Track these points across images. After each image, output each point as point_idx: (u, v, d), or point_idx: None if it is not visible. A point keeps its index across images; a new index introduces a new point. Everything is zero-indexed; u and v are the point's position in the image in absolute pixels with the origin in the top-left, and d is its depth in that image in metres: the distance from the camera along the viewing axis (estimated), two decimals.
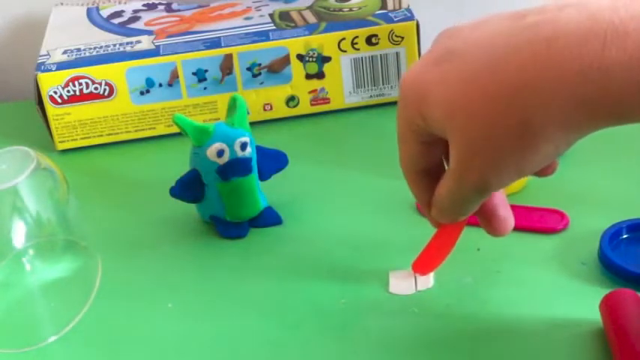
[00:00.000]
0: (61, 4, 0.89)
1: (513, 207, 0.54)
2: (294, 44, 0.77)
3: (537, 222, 0.61)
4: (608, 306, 0.51)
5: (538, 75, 0.40)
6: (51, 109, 0.76)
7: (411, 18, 0.77)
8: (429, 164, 0.49)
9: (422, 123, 0.45)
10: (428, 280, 0.57)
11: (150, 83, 0.77)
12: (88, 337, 0.57)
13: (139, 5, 0.87)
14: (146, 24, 0.83)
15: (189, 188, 0.63)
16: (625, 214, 0.59)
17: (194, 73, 0.77)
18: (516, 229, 0.60)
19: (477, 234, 0.60)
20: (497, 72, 0.41)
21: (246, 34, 0.78)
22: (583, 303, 0.54)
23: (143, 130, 0.78)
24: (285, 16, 0.81)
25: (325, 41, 0.77)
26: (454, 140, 0.44)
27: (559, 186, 0.64)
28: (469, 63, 0.43)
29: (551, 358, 0.51)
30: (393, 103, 0.79)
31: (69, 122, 0.77)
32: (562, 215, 0.61)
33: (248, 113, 0.63)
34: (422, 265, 0.57)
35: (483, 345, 0.52)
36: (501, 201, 0.50)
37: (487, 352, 0.52)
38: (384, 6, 0.80)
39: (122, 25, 0.83)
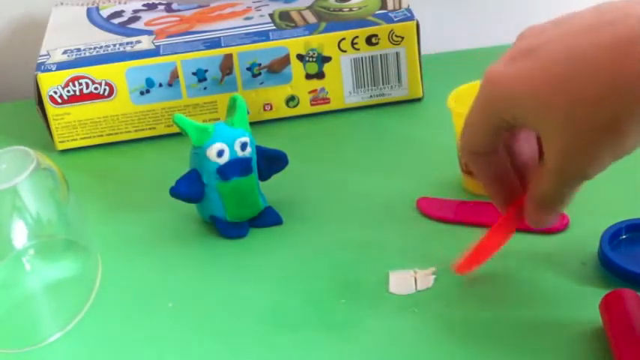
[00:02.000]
0: (61, 4, 0.89)
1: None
2: (294, 44, 0.77)
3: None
4: (608, 306, 0.51)
5: (622, 75, 0.43)
6: (51, 109, 0.76)
7: (411, 18, 0.77)
8: (489, 149, 0.52)
9: (509, 118, 0.48)
10: (428, 280, 0.57)
11: (150, 83, 0.77)
12: (88, 336, 0.57)
13: (139, 5, 0.87)
14: (146, 24, 0.83)
15: (189, 188, 0.63)
16: (625, 214, 0.59)
17: (194, 73, 0.77)
18: (517, 229, 0.60)
19: (477, 234, 0.60)
20: (586, 75, 0.45)
21: (246, 34, 0.78)
22: (583, 303, 0.54)
23: (143, 130, 0.78)
24: (285, 16, 0.81)
25: (325, 41, 0.77)
26: (552, 138, 0.47)
27: None
28: (555, 62, 0.46)
29: (552, 357, 0.51)
30: (393, 103, 0.80)
31: (69, 122, 0.77)
32: (562, 215, 0.61)
33: (248, 113, 0.64)
34: (465, 265, 0.57)
35: (483, 345, 0.52)
36: None
37: (487, 352, 0.52)
38: (384, 6, 0.80)
39: (122, 25, 0.83)
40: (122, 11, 0.86)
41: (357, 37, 0.77)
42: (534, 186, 0.51)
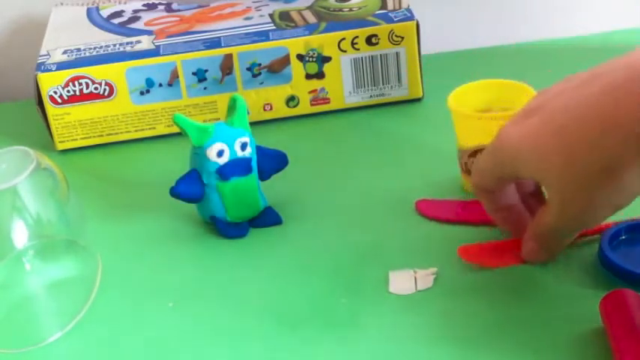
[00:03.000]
0: (61, 4, 0.89)
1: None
2: (294, 44, 0.77)
3: None
4: (608, 306, 0.51)
5: (615, 117, 0.46)
6: (51, 109, 0.76)
7: (411, 18, 0.77)
8: (497, 189, 0.56)
9: (513, 172, 0.53)
10: (428, 280, 0.57)
11: (150, 83, 0.77)
12: (89, 336, 0.57)
13: (139, 5, 0.87)
14: (146, 24, 0.83)
15: (189, 188, 0.63)
16: (625, 214, 0.59)
17: (194, 73, 0.77)
18: None
19: (477, 234, 0.61)
20: (579, 123, 0.48)
21: (246, 34, 0.78)
22: (583, 303, 0.54)
23: (143, 130, 0.79)
24: (285, 16, 0.81)
25: (325, 41, 0.77)
26: (551, 184, 0.51)
27: None
28: (555, 115, 0.49)
29: (552, 357, 0.51)
30: (393, 103, 0.80)
31: (69, 122, 0.77)
32: None
33: (248, 113, 0.64)
34: (470, 252, 0.59)
35: (483, 345, 0.52)
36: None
37: (487, 352, 0.52)
38: (384, 6, 0.80)
39: (122, 25, 0.83)
40: (122, 11, 0.86)
41: (357, 37, 0.77)
42: (535, 222, 0.55)
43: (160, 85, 0.77)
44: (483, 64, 0.85)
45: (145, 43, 0.79)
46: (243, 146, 0.63)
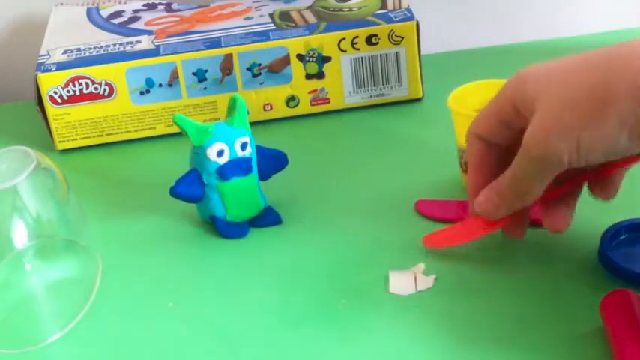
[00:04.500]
0: (61, 4, 0.89)
1: None
2: (294, 44, 0.77)
3: (538, 214, 0.61)
4: (608, 306, 0.51)
5: (622, 56, 0.46)
6: (51, 109, 0.76)
7: (411, 18, 0.77)
8: (491, 137, 0.54)
9: (518, 103, 0.51)
10: (428, 280, 0.57)
11: (150, 83, 0.77)
12: (89, 336, 0.57)
13: (139, 5, 0.87)
14: (146, 24, 0.83)
15: (189, 188, 0.63)
16: (625, 214, 0.59)
17: (194, 73, 0.77)
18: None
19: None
20: (587, 56, 0.49)
21: (246, 34, 0.78)
22: (583, 303, 0.54)
23: (143, 130, 0.79)
24: (285, 16, 0.81)
25: (325, 41, 0.77)
26: (540, 115, 0.49)
27: None
28: (566, 63, 0.50)
29: (552, 357, 0.51)
30: (393, 103, 0.80)
31: (69, 122, 0.77)
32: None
33: (248, 113, 0.64)
34: (432, 239, 0.59)
35: (483, 345, 0.52)
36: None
37: (487, 352, 0.52)
38: (384, 6, 0.80)
39: (122, 25, 0.83)
40: (122, 11, 0.86)
41: (357, 37, 0.77)
42: (500, 177, 0.53)
43: (160, 85, 0.77)
44: (483, 64, 0.85)
45: (145, 43, 0.79)
46: (243, 146, 0.63)
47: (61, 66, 0.76)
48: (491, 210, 0.55)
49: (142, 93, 0.77)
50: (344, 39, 0.77)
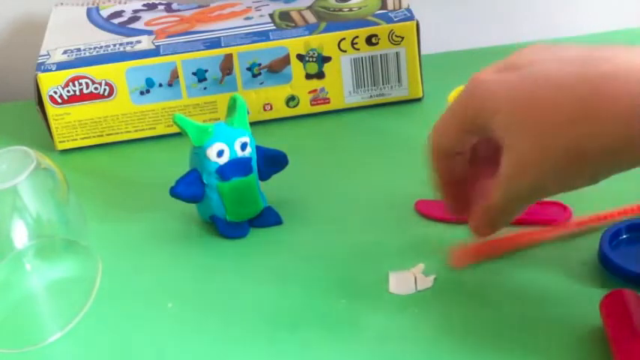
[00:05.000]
0: (61, 4, 0.88)
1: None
2: (294, 44, 0.77)
3: (538, 214, 0.61)
4: (608, 306, 0.51)
5: (595, 108, 0.45)
6: (51, 109, 0.76)
7: (411, 18, 0.77)
8: (457, 150, 0.53)
9: (481, 122, 0.50)
10: (428, 280, 0.57)
11: (150, 83, 0.77)
12: (89, 337, 0.57)
13: (139, 5, 0.87)
14: (146, 24, 0.83)
15: (189, 188, 0.63)
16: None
17: (194, 73, 0.77)
18: (518, 223, 0.60)
19: None
20: (560, 99, 0.46)
21: (246, 34, 0.78)
22: (583, 303, 0.54)
23: (143, 130, 0.78)
24: (285, 16, 0.81)
25: (325, 41, 0.77)
26: (512, 149, 0.48)
27: None
28: (537, 81, 0.48)
29: (552, 357, 0.51)
30: (393, 103, 0.80)
31: (69, 122, 0.77)
32: (564, 207, 0.61)
33: (248, 113, 0.64)
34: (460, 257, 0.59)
35: (483, 345, 0.52)
36: None
37: (487, 352, 0.52)
38: (384, 6, 0.80)
39: (122, 25, 0.83)
40: (122, 11, 0.86)
41: (357, 37, 0.77)
42: (487, 196, 0.52)
43: (160, 85, 0.77)
44: (483, 64, 0.84)
45: (145, 43, 0.79)
46: (243, 146, 0.63)
47: (61, 66, 0.76)
48: (488, 233, 0.55)
49: (142, 93, 0.77)
50: (344, 39, 0.77)
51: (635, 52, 0.46)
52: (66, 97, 0.76)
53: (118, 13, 0.85)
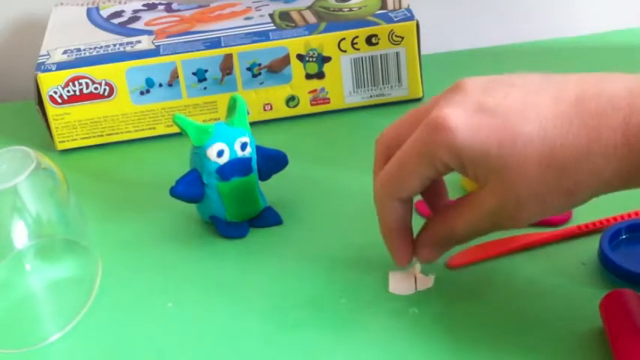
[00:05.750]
0: (61, 4, 0.89)
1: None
2: (294, 44, 0.77)
3: None
4: (608, 306, 0.51)
5: (589, 149, 0.45)
6: (51, 109, 0.76)
7: (411, 18, 0.77)
8: (413, 195, 0.53)
9: (454, 164, 0.48)
10: (428, 280, 0.57)
11: (150, 83, 0.77)
12: (88, 337, 0.57)
13: (139, 5, 0.87)
14: (146, 24, 0.83)
15: (189, 188, 0.63)
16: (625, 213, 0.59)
17: (194, 73, 0.77)
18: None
19: None
20: (551, 142, 0.45)
21: (246, 34, 0.78)
22: (583, 303, 0.54)
23: (143, 130, 0.79)
24: (285, 16, 0.81)
25: (325, 41, 0.77)
26: (497, 190, 0.48)
27: None
28: (517, 125, 0.46)
29: (551, 357, 0.51)
30: (393, 103, 0.80)
31: (69, 122, 0.77)
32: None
33: (248, 113, 0.64)
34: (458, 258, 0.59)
35: (483, 345, 0.52)
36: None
37: (487, 352, 0.52)
38: (384, 6, 0.80)
39: (122, 25, 0.83)
40: (122, 11, 0.86)
41: (357, 37, 0.77)
42: (443, 224, 0.53)
43: (160, 85, 0.77)
44: (483, 64, 0.85)
45: (145, 43, 0.79)
46: (243, 146, 0.63)
47: (61, 66, 0.76)
48: (436, 258, 0.55)
49: (142, 93, 0.77)
50: (344, 39, 0.77)
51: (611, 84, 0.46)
52: (66, 97, 0.76)
53: (118, 13, 0.85)
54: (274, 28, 0.79)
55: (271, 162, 0.65)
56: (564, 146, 0.45)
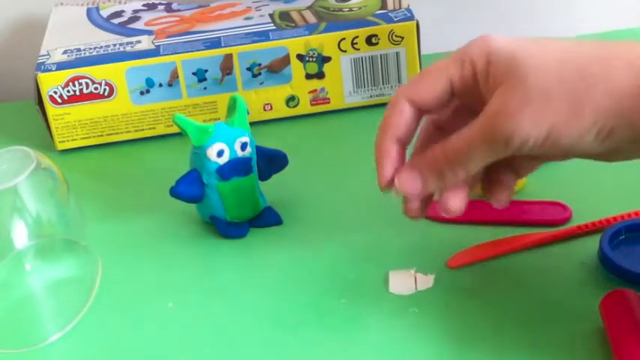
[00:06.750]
0: (61, 4, 0.89)
1: (514, 202, 0.54)
2: (294, 44, 0.77)
3: (538, 215, 0.61)
4: (608, 306, 0.51)
5: (610, 61, 0.45)
6: (51, 109, 0.76)
7: (411, 18, 0.77)
8: (428, 104, 0.51)
9: (480, 63, 0.48)
10: (428, 280, 0.57)
11: (150, 83, 0.77)
12: (88, 337, 0.57)
13: (139, 5, 0.87)
14: (146, 24, 0.83)
15: (189, 188, 0.63)
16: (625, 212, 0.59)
17: (194, 73, 0.77)
18: (519, 223, 0.60)
19: (477, 234, 0.60)
20: (572, 48, 0.47)
21: (246, 34, 0.78)
22: (583, 303, 0.54)
23: (143, 130, 0.78)
24: (285, 16, 0.81)
25: (325, 41, 0.77)
26: (507, 86, 0.46)
27: (560, 184, 0.64)
28: (547, 40, 0.48)
29: (551, 357, 0.51)
30: None
31: (69, 122, 0.77)
32: (564, 207, 0.61)
33: (248, 113, 0.64)
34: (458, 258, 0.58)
35: (483, 345, 0.52)
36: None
37: (487, 352, 0.52)
38: (384, 6, 0.80)
39: (122, 25, 0.83)
40: (122, 11, 0.86)
41: (357, 37, 0.77)
42: (453, 137, 0.49)
43: (160, 85, 0.77)
44: None
45: (145, 43, 0.79)
46: (243, 146, 0.63)
47: (61, 66, 0.76)
48: (416, 188, 0.51)
49: (142, 93, 0.77)
50: (344, 39, 0.77)
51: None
52: (66, 97, 0.76)
53: (118, 13, 0.85)
54: (274, 28, 0.79)
55: (271, 162, 0.65)
56: (583, 52, 0.46)
